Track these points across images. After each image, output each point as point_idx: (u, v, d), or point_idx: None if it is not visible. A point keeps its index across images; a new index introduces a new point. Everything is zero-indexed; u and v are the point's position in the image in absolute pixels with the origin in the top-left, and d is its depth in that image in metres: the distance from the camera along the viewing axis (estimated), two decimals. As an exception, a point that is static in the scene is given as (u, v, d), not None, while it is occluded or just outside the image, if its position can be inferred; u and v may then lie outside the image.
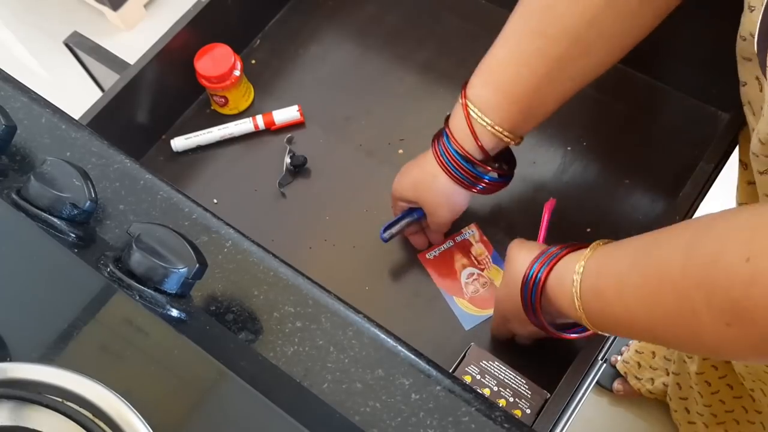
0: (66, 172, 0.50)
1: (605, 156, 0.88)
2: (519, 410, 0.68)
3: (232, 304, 0.52)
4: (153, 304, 0.46)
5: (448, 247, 0.84)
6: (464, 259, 0.83)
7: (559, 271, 0.62)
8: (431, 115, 0.92)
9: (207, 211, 0.56)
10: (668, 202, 0.84)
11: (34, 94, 0.62)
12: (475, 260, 0.83)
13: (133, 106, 0.88)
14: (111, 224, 0.55)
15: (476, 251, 0.83)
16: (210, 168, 0.92)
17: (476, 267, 0.83)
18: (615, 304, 0.55)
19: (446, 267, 0.83)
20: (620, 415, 1.39)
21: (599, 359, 0.70)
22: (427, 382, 0.48)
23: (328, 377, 0.49)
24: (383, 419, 0.47)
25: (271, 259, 0.53)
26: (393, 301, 0.82)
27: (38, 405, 0.37)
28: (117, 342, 0.45)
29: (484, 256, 0.83)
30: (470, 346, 0.72)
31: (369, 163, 0.90)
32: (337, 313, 0.51)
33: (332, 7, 1.02)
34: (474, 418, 0.47)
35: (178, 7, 0.96)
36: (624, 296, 0.54)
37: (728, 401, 1.02)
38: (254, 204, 0.89)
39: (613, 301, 0.55)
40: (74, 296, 0.46)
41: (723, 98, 0.88)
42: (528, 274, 0.64)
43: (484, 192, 0.74)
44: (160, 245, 0.47)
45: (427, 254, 0.84)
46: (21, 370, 0.39)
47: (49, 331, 0.44)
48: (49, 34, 1.92)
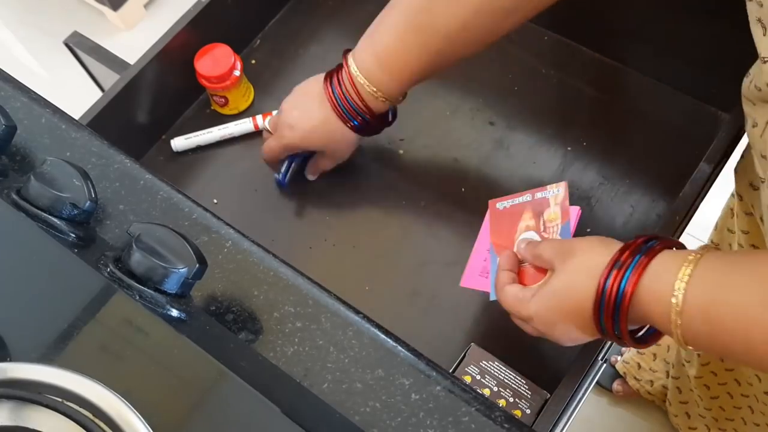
0: (66, 172, 0.50)
1: (605, 156, 0.88)
2: (519, 410, 0.68)
3: (232, 304, 0.52)
4: (153, 304, 0.46)
5: (524, 201, 0.73)
6: (531, 221, 0.71)
7: (650, 273, 0.53)
8: (431, 115, 0.92)
9: (207, 211, 0.56)
10: (668, 202, 0.84)
11: (34, 94, 0.62)
12: (543, 225, 0.71)
13: (133, 106, 0.88)
14: (111, 224, 0.55)
15: (549, 215, 0.71)
16: (210, 168, 0.92)
17: (539, 233, 0.70)
18: (735, 340, 0.48)
19: (509, 223, 0.73)
20: (620, 416, 1.39)
21: (599, 359, 0.70)
22: (427, 382, 0.48)
23: (328, 377, 0.49)
24: (383, 419, 0.47)
25: (271, 259, 0.53)
26: (393, 301, 0.82)
27: (38, 405, 0.37)
28: (117, 342, 0.45)
29: (554, 224, 0.70)
30: (470, 346, 0.72)
31: (369, 163, 0.90)
32: (337, 313, 0.51)
33: (332, 7, 1.02)
34: (474, 418, 0.47)
35: (178, 7, 0.96)
36: (751, 334, 0.47)
37: (728, 410, 1.02)
38: (254, 204, 0.89)
39: (734, 334, 0.48)
40: (74, 296, 0.46)
41: (723, 98, 0.88)
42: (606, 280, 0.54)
43: (363, 130, 0.79)
44: (160, 245, 0.47)
45: (498, 203, 0.75)
46: (21, 370, 0.39)
47: (49, 331, 0.44)
48: (49, 34, 1.92)
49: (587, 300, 0.55)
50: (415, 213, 0.86)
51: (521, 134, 0.90)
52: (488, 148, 0.90)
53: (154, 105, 0.91)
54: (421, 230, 0.86)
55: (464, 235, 0.84)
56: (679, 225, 0.73)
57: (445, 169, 0.89)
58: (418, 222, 0.86)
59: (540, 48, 0.96)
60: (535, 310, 0.60)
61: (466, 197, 0.87)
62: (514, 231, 0.72)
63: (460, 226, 0.85)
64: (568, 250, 0.59)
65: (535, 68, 0.95)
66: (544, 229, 0.70)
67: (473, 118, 0.92)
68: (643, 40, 0.90)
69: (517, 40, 0.96)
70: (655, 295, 0.52)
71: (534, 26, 0.97)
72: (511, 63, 0.95)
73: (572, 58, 0.95)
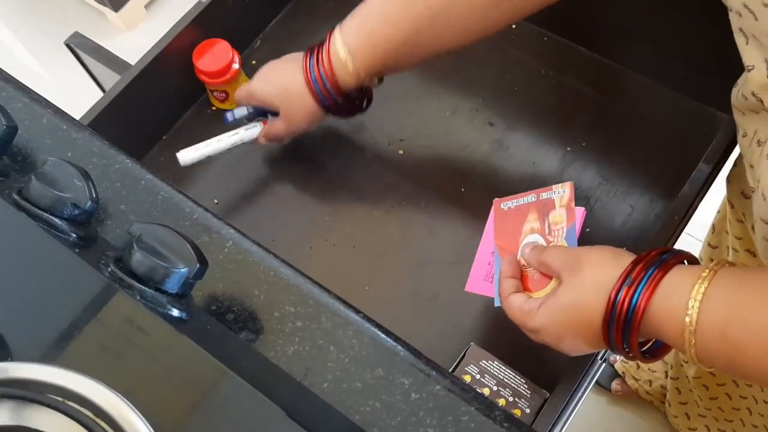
0: (67, 172, 0.50)
1: (604, 156, 0.89)
2: (518, 410, 0.68)
3: (232, 303, 0.52)
4: (154, 304, 0.46)
5: (528, 201, 0.71)
6: (536, 222, 0.69)
7: (663, 289, 0.51)
8: (431, 116, 0.92)
9: (208, 211, 0.56)
10: (667, 202, 0.84)
11: (35, 95, 0.62)
12: (548, 228, 0.68)
13: (134, 106, 0.88)
14: (112, 224, 0.55)
15: (554, 217, 0.68)
16: (211, 168, 0.92)
17: (543, 236, 0.68)
18: (754, 363, 0.47)
19: (513, 224, 0.71)
20: (619, 415, 1.39)
21: (598, 359, 0.70)
22: (426, 382, 0.48)
23: (329, 377, 0.49)
24: (383, 418, 0.47)
25: (271, 259, 0.54)
26: (393, 301, 0.82)
27: (39, 404, 0.37)
28: (118, 342, 0.45)
29: (559, 226, 0.67)
30: (470, 345, 0.73)
31: (369, 163, 0.90)
32: (338, 313, 0.51)
33: (332, 8, 1.02)
34: (473, 417, 0.47)
35: (178, 8, 0.96)
36: None
37: (727, 410, 1.02)
38: (255, 204, 0.89)
39: (755, 358, 0.47)
40: (75, 296, 0.46)
41: (723, 99, 0.87)
42: (617, 295, 0.52)
43: (329, 106, 0.78)
44: (161, 245, 0.47)
45: (503, 203, 0.73)
46: (22, 370, 0.39)
47: (51, 331, 0.44)
48: (50, 34, 1.92)
49: (596, 316, 0.54)
50: (415, 213, 0.87)
51: (521, 135, 0.91)
52: (488, 149, 0.90)
53: (155, 105, 0.91)
54: (421, 230, 0.86)
55: (464, 235, 0.85)
56: (678, 225, 0.73)
57: (445, 169, 0.89)
58: (418, 222, 0.86)
59: (540, 48, 0.96)
60: (541, 323, 0.58)
61: (466, 197, 0.87)
62: (519, 233, 0.70)
63: (460, 226, 0.85)
64: (576, 262, 0.57)
65: (535, 69, 0.95)
66: (549, 232, 0.68)
67: (473, 118, 0.92)
68: (642, 40, 0.90)
69: (516, 40, 0.96)
70: (667, 313, 0.51)
71: (534, 27, 0.97)
72: (510, 63, 0.95)
73: (572, 58, 0.95)
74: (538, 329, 0.59)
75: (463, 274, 0.77)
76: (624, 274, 0.53)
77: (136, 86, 0.86)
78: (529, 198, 0.71)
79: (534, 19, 0.96)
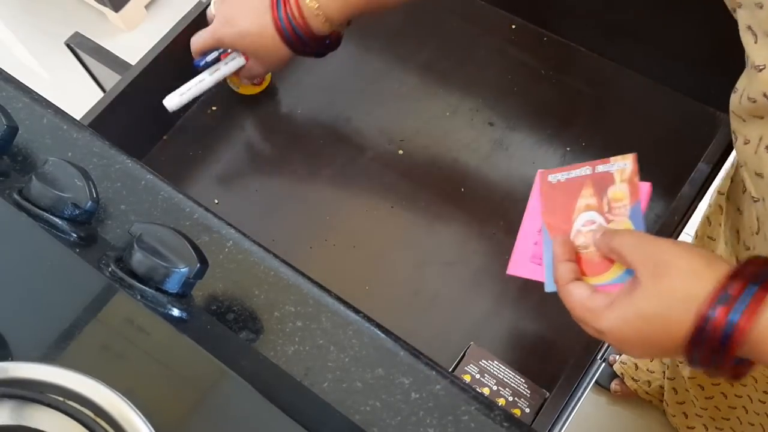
0: (67, 172, 0.50)
1: (604, 156, 0.88)
2: (518, 409, 0.68)
3: (233, 303, 0.52)
4: (154, 304, 0.46)
5: (582, 174, 0.62)
6: (592, 198, 0.60)
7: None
8: (431, 116, 0.93)
9: (208, 211, 0.56)
10: (667, 202, 0.84)
11: (36, 95, 0.62)
12: (607, 205, 0.59)
13: (135, 106, 0.88)
14: (112, 224, 0.55)
15: (614, 193, 0.59)
16: (211, 168, 0.92)
17: (602, 214, 0.59)
18: None
19: (564, 200, 0.62)
20: (619, 414, 1.39)
21: (598, 359, 0.70)
22: (426, 381, 0.48)
23: (329, 376, 0.49)
24: (383, 418, 0.47)
25: (271, 259, 0.54)
26: (393, 301, 0.82)
27: (40, 404, 0.37)
28: (118, 341, 0.45)
29: (621, 204, 0.59)
30: (469, 345, 0.73)
31: (369, 163, 0.90)
32: (338, 313, 0.51)
33: (332, 7, 1.02)
34: (473, 417, 0.47)
35: (179, 8, 0.96)
36: None
37: (724, 409, 1.03)
38: (255, 204, 0.89)
39: None
40: (76, 296, 0.46)
41: (722, 99, 0.87)
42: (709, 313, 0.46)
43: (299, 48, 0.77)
44: (161, 245, 0.47)
45: (551, 175, 0.63)
46: (23, 370, 0.39)
47: (51, 331, 0.44)
48: (51, 34, 1.92)
49: (681, 331, 0.47)
50: (415, 213, 0.87)
51: (520, 134, 0.91)
52: (488, 149, 0.90)
53: (156, 105, 0.91)
54: (421, 230, 0.86)
55: (464, 234, 0.85)
56: (678, 224, 0.74)
57: (445, 169, 0.89)
58: (418, 222, 0.86)
59: (539, 48, 0.96)
60: (609, 327, 0.50)
61: (466, 197, 0.87)
62: (572, 210, 0.61)
63: (460, 226, 0.85)
64: (660, 264, 0.49)
65: (535, 69, 0.95)
66: (609, 210, 0.59)
67: (473, 118, 0.92)
68: (642, 40, 0.90)
69: (516, 40, 0.96)
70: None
71: (533, 27, 0.97)
72: (510, 64, 0.95)
73: (571, 58, 0.95)
74: (604, 332, 0.51)
75: (463, 273, 0.77)
76: (718, 290, 0.46)
77: (136, 86, 0.86)
78: (584, 170, 0.62)
79: (534, 19, 0.96)
